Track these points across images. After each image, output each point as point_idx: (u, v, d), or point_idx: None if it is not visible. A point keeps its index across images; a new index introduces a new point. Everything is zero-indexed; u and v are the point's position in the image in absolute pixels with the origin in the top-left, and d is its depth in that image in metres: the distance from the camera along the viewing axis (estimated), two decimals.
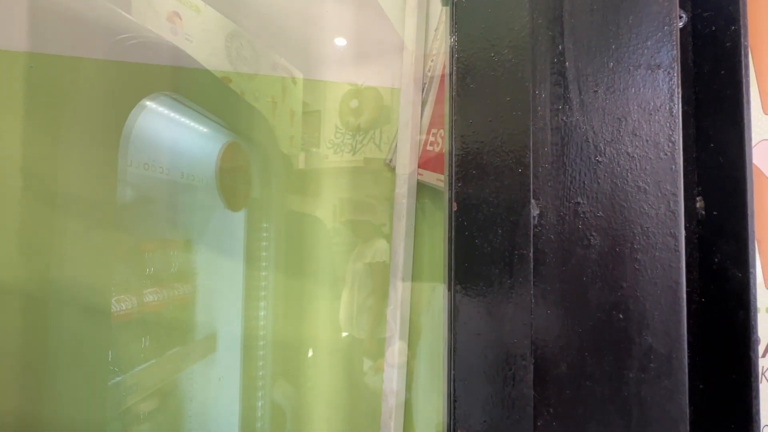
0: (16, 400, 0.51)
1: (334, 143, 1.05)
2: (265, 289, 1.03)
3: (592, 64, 0.32)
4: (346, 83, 1.05)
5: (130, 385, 0.71)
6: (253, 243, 1.03)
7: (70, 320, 0.55)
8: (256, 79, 1.09)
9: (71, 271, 0.54)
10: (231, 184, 0.98)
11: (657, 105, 0.31)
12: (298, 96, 1.24)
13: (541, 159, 0.32)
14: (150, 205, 0.82)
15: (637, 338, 0.30)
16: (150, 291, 0.78)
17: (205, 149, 0.93)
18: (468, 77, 0.35)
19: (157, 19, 0.83)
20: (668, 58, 0.31)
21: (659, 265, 0.30)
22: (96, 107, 0.58)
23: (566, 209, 0.32)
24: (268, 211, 1.05)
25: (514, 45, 0.33)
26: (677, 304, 0.30)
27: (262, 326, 1.02)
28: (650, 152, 0.31)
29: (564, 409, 0.30)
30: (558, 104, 0.32)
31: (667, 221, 0.30)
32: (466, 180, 0.34)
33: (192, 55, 0.81)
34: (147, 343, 0.78)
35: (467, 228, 0.34)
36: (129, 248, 0.77)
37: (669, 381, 0.29)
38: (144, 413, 0.77)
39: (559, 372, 0.30)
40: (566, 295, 0.31)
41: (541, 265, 0.31)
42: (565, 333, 0.31)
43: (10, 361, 0.50)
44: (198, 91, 0.82)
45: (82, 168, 0.56)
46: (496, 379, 0.32)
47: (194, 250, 0.95)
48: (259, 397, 1.02)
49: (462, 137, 0.35)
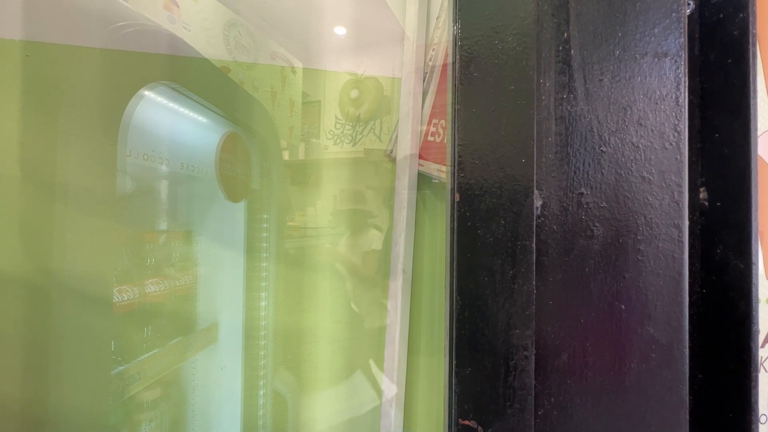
0: (20, 390, 0.51)
1: (334, 134, 1.05)
2: (266, 280, 1.03)
3: (597, 52, 0.31)
4: (346, 73, 1.04)
5: (133, 375, 0.71)
6: (254, 233, 1.03)
7: (72, 311, 0.55)
8: (256, 68, 1.08)
9: (72, 262, 0.54)
10: (231, 174, 0.97)
11: (663, 94, 0.30)
12: (297, 86, 1.22)
13: (545, 149, 0.32)
14: (150, 195, 0.82)
15: (638, 328, 0.30)
16: (151, 282, 0.78)
17: (205, 140, 0.93)
18: (471, 66, 0.34)
19: (154, 8, 0.82)
20: (675, 46, 0.30)
21: (662, 255, 0.30)
22: (94, 97, 0.57)
23: (569, 200, 0.31)
24: (268, 201, 1.05)
25: (519, 32, 0.32)
26: (679, 294, 0.30)
27: (263, 316, 1.03)
28: (655, 142, 0.30)
29: (565, 399, 0.30)
30: (563, 93, 0.32)
31: (671, 212, 0.30)
32: (468, 170, 0.34)
33: (190, 43, 0.80)
34: (149, 333, 0.79)
35: (469, 218, 0.34)
36: (130, 239, 0.77)
37: (670, 371, 0.30)
38: (147, 402, 0.78)
39: (560, 362, 0.31)
40: (569, 286, 0.31)
41: (544, 255, 0.31)
42: (566, 323, 0.31)
43: (14, 351, 0.51)
44: (197, 81, 0.81)
45: (81, 158, 0.55)
46: (497, 369, 0.32)
47: (195, 241, 0.95)
48: (261, 385, 1.03)
49: (465, 127, 0.34)
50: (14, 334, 0.51)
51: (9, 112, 0.51)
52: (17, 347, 0.51)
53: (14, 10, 0.52)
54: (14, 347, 0.51)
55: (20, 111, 0.51)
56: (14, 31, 0.51)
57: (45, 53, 0.53)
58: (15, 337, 0.51)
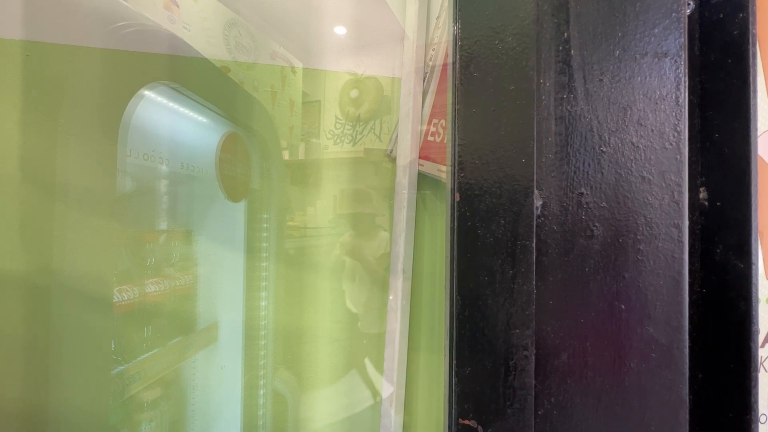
0: (20, 390, 0.51)
1: (334, 134, 1.05)
2: (266, 279, 1.03)
3: (597, 52, 0.31)
4: (346, 73, 1.04)
5: (133, 375, 0.71)
6: (254, 233, 1.03)
7: (72, 311, 0.55)
8: (255, 68, 1.08)
9: (73, 261, 0.54)
10: (231, 174, 0.97)
11: (663, 94, 0.30)
12: (297, 86, 1.22)
13: (545, 149, 0.32)
14: (150, 195, 0.82)
15: (638, 328, 0.30)
16: (152, 281, 0.78)
17: (205, 140, 0.93)
18: (471, 66, 0.34)
19: (154, 8, 0.82)
20: (675, 46, 0.30)
21: (662, 255, 0.30)
22: (94, 96, 0.57)
23: (569, 200, 0.31)
24: (268, 201, 1.05)
25: (519, 32, 0.32)
26: (679, 294, 0.30)
27: (263, 316, 1.03)
28: (655, 142, 0.30)
29: (565, 399, 0.30)
30: (563, 93, 0.32)
31: (671, 212, 0.30)
32: (468, 170, 0.34)
33: (190, 43, 0.80)
34: (149, 333, 0.79)
35: (469, 218, 0.34)
36: (130, 239, 0.77)
37: (669, 370, 0.30)
38: (147, 402, 0.78)
39: (560, 362, 0.31)
40: (568, 286, 0.31)
41: (544, 255, 0.31)
42: (566, 323, 0.31)
43: (14, 351, 0.51)
44: (197, 81, 0.81)
45: (81, 158, 0.55)
46: (497, 369, 0.32)
47: (195, 240, 0.95)
48: (261, 385, 1.03)
49: (465, 127, 0.34)
50: (14, 334, 0.51)
51: (9, 112, 0.51)
52: (17, 347, 0.51)
53: (14, 10, 0.52)
54: (14, 347, 0.51)
55: (20, 111, 0.51)
56: (14, 31, 0.51)
57: (45, 53, 0.53)
58: (15, 337, 0.51)
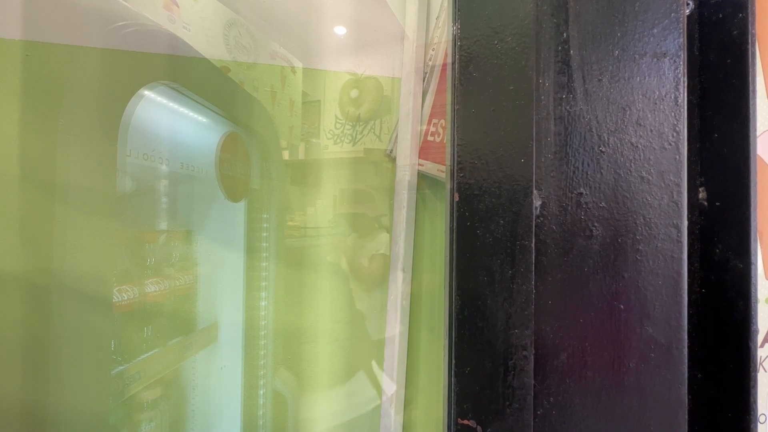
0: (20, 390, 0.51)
1: (334, 134, 1.05)
2: (266, 279, 1.03)
3: (597, 52, 0.31)
4: (346, 72, 1.04)
5: (133, 374, 0.71)
6: (254, 233, 1.03)
7: (72, 311, 0.55)
8: (255, 68, 1.08)
9: (73, 261, 0.54)
10: (231, 174, 0.97)
11: (662, 94, 0.30)
12: (297, 85, 1.22)
13: (544, 149, 0.32)
14: (150, 195, 0.82)
15: (637, 328, 0.30)
16: (151, 281, 0.78)
17: (205, 139, 0.93)
18: (470, 66, 0.34)
19: (154, 8, 0.82)
20: (675, 46, 0.30)
21: (661, 255, 0.30)
22: (94, 96, 0.57)
23: (569, 200, 0.31)
24: (268, 201, 1.05)
25: (518, 32, 0.32)
26: (678, 294, 0.30)
27: (263, 316, 1.03)
28: (654, 142, 0.30)
29: (564, 399, 0.30)
30: (562, 93, 0.32)
31: (670, 212, 0.30)
32: (468, 170, 0.34)
33: (190, 43, 0.80)
34: (149, 333, 0.79)
35: (469, 218, 0.34)
36: (130, 239, 0.77)
37: (669, 370, 0.30)
38: (147, 401, 0.78)
39: (559, 362, 0.31)
40: (568, 286, 0.31)
41: (543, 255, 0.31)
42: (566, 323, 0.31)
43: (14, 351, 0.51)
44: (197, 81, 0.81)
45: (81, 158, 0.55)
46: (496, 369, 0.32)
47: (195, 240, 0.95)
48: (261, 385, 1.03)
49: (464, 127, 0.34)
50: (14, 334, 0.51)
51: (9, 112, 0.51)
52: (17, 347, 0.51)
53: (14, 10, 0.52)
54: (14, 347, 0.51)
55: (20, 111, 0.51)
56: (14, 31, 0.51)
57: (45, 53, 0.53)
58: (15, 337, 0.51)
